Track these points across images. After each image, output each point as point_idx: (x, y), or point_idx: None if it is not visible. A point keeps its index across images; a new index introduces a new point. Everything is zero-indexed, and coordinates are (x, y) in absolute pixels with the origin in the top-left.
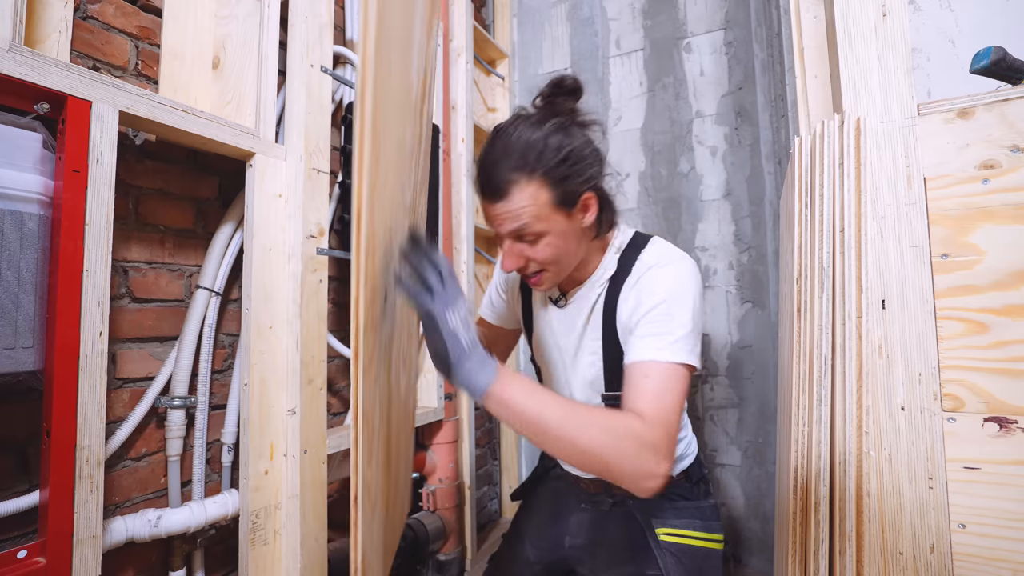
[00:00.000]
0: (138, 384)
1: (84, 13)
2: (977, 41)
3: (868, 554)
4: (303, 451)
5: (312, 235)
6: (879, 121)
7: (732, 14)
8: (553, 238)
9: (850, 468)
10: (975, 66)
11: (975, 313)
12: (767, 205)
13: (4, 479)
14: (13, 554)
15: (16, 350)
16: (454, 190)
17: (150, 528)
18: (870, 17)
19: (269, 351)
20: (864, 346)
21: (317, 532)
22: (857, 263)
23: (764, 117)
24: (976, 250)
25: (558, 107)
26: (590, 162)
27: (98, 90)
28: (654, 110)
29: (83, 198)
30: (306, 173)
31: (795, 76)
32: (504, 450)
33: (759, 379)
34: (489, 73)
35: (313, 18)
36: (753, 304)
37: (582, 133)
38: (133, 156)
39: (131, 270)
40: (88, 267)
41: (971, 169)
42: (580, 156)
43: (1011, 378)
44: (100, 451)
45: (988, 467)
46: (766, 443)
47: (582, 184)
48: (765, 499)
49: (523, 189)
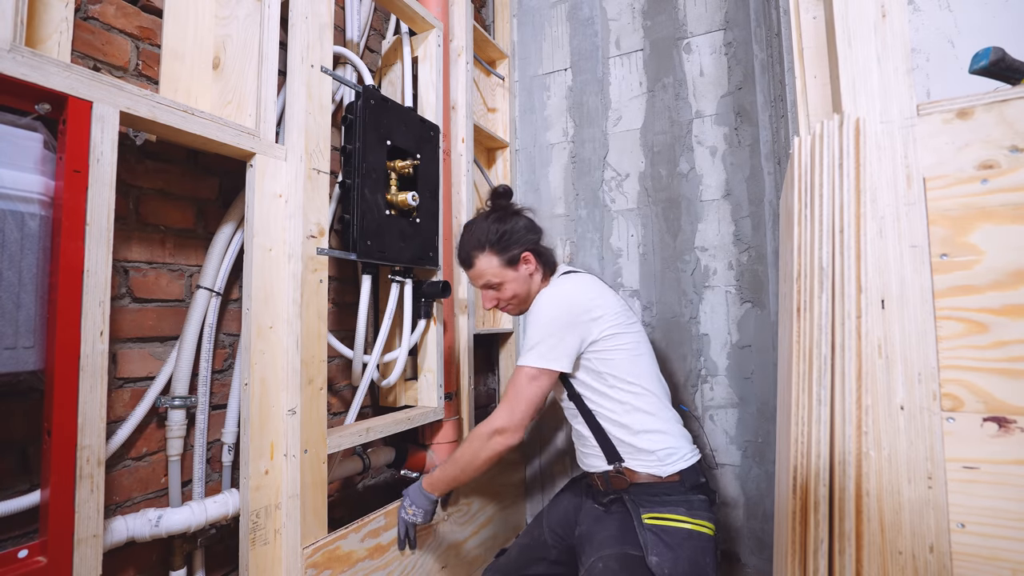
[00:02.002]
0: (139, 384)
1: (85, 13)
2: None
3: (867, 554)
4: (303, 451)
5: (312, 235)
6: (878, 121)
7: (732, 14)
8: (509, 283)
9: (849, 468)
10: (974, 66)
11: (974, 313)
12: (767, 205)
13: (5, 479)
14: (14, 553)
15: (17, 350)
16: (454, 190)
17: (151, 527)
18: (869, 17)
19: (269, 351)
20: (863, 346)
21: (317, 532)
22: (856, 263)
23: (764, 117)
24: (975, 250)
25: (498, 205)
26: (522, 234)
27: (99, 90)
28: (654, 110)
29: (84, 198)
30: (306, 173)
31: (794, 76)
32: None
33: (759, 379)
34: (489, 73)
35: (313, 18)
36: (753, 304)
37: (516, 217)
38: (134, 156)
39: (132, 270)
40: (89, 267)
41: (970, 169)
42: (512, 232)
43: (1010, 378)
44: (101, 451)
45: (987, 467)
46: (766, 443)
47: (518, 248)
48: (765, 499)
49: (480, 259)
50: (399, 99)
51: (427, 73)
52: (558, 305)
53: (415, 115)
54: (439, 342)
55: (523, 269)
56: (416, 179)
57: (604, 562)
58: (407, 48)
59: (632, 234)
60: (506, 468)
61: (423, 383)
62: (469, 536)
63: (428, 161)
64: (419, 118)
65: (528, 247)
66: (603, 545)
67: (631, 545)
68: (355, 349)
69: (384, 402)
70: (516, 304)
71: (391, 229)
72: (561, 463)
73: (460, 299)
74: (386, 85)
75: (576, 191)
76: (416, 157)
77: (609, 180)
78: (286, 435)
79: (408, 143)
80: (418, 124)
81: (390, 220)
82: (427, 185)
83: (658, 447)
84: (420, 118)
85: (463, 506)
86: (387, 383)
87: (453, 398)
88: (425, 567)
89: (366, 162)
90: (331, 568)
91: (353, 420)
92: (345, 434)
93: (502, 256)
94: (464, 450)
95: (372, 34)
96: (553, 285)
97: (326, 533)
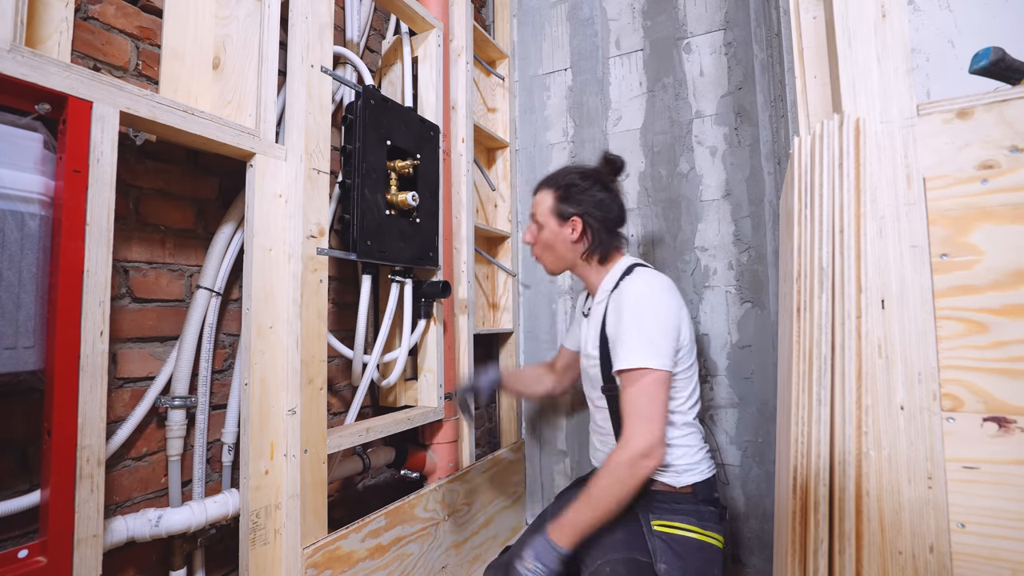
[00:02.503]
0: (139, 384)
1: (85, 13)
2: (976, 41)
3: (867, 553)
4: (303, 451)
5: (312, 235)
6: (878, 121)
7: (732, 14)
8: (547, 232)
9: (849, 468)
10: (974, 66)
11: (974, 313)
12: (767, 205)
13: (5, 479)
14: (14, 553)
15: (17, 350)
16: (454, 190)
17: (151, 527)
18: (869, 17)
19: (269, 351)
20: (863, 346)
21: (317, 532)
22: (856, 263)
23: (764, 117)
24: (975, 250)
25: (597, 169)
26: (588, 202)
27: (99, 90)
28: (654, 110)
29: (84, 198)
30: (306, 173)
31: (794, 76)
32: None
33: (759, 379)
34: (489, 73)
35: (313, 18)
36: (753, 304)
37: (600, 188)
38: (134, 156)
39: (132, 270)
40: (89, 267)
41: (970, 169)
42: (580, 192)
43: (1010, 378)
44: (101, 451)
45: (987, 467)
46: (766, 443)
47: (574, 209)
48: (765, 499)
49: (542, 193)
50: (399, 99)
51: (427, 73)
52: (667, 305)
53: (415, 115)
54: (439, 342)
55: (566, 230)
56: (416, 179)
57: (611, 567)
58: (407, 48)
59: (632, 234)
60: (506, 468)
61: (423, 383)
62: (469, 536)
63: (428, 161)
64: (419, 118)
65: (584, 216)
66: (610, 549)
67: (639, 551)
68: (355, 349)
69: (384, 402)
70: (545, 255)
71: (391, 229)
72: (561, 463)
73: (460, 299)
74: (386, 85)
75: None
76: (416, 157)
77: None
78: (286, 435)
79: (408, 143)
80: (418, 124)
81: (390, 220)
82: (427, 185)
83: (679, 461)
84: (420, 118)
85: (463, 506)
86: (387, 383)
87: (453, 398)
88: (425, 567)
89: (366, 162)
90: (331, 568)
91: (353, 420)
92: (345, 434)
93: (557, 204)
94: (603, 488)
95: (372, 34)
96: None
97: (326, 533)
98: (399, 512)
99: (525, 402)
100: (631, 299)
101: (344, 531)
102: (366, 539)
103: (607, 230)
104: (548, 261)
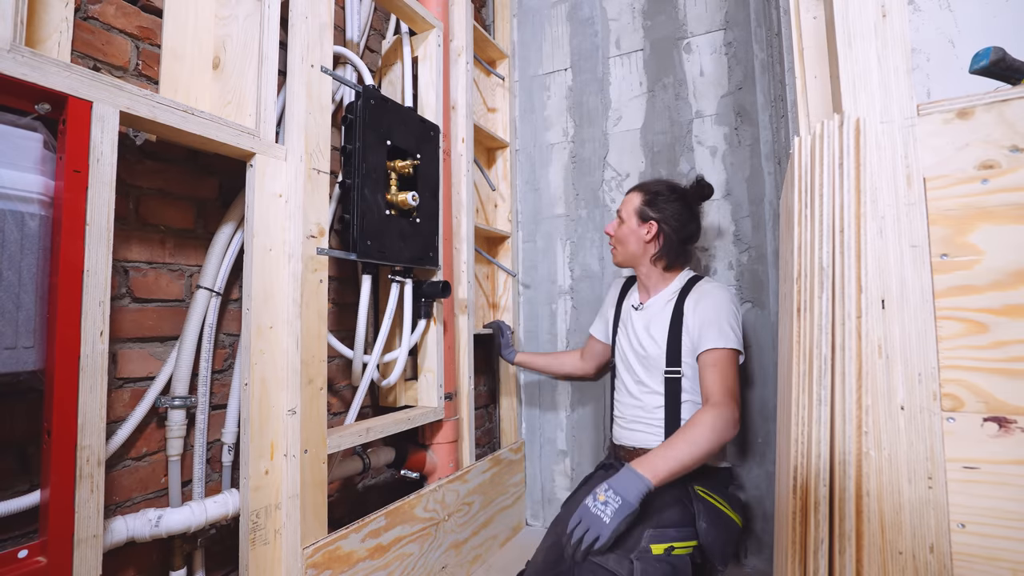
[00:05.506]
0: (138, 384)
1: (85, 13)
2: (977, 41)
3: (867, 554)
4: (303, 451)
5: (312, 235)
6: (879, 121)
7: (732, 14)
8: (626, 227)
9: (849, 468)
10: (974, 66)
11: (974, 313)
12: (767, 205)
13: (4, 479)
14: (14, 554)
15: (17, 350)
16: (454, 190)
17: (151, 528)
18: (870, 17)
19: (269, 351)
20: (864, 346)
21: (317, 532)
22: (857, 263)
23: (764, 117)
24: (975, 250)
25: (687, 188)
26: (667, 212)
27: (99, 90)
28: (654, 110)
29: (84, 198)
30: (306, 173)
31: (795, 76)
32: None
33: (759, 379)
34: (489, 73)
35: (313, 18)
36: (753, 304)
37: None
38: (133, 156)
39: (131, 270)
40: (89, 267)
41: (970, 169)
42: (665, 203)
43: (1010, 378)
44: (100, 451)
45: (987, 467)
46: (766, 443)
47: (655, 215)
48: (765, 499)
49: (634, 194)
50: (399, 99)
51: (427, 73)
52: (734, 302)
53: (415, 115)
54: (439, 342)
55: (643, 230)
56: (416, 179)
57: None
58: (407, 48)
59: None
60: (506, 468)
61: (423, 383)
62: (469, 536)
63: (428, 161)
64: (419, 118)
65: (661, 223)
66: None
67: (683, 509)
68: (355, 349)
69: (384, 402)
70: (618, 247)
71: (391, 229)
72: (561, 463)
73: (460, 299)
74: (386, 85)
75: (576, 191)
76: (416, 157)
77: (609, 180)
78: (286, 435)
79: (408, 143)
80: (418, 124)
81: (390, 220)
82: (427, 185)
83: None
84: (420, 118)
85: (463, 506)
86: (387, 383)
87: (453, 398)
88: (425, 567)
89: (366, 162)
90: (331, 568)
91: (353, 420)
92: (345, 434)
93: (642, 206)
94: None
95: (372, 34)
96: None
97: (326, 533)
98: (399, 512)
99: (525, 402)
100: (717, 296)
101: (344, 531)
102: (366, 539)
103: (679, 240)
104: (619, 252)
